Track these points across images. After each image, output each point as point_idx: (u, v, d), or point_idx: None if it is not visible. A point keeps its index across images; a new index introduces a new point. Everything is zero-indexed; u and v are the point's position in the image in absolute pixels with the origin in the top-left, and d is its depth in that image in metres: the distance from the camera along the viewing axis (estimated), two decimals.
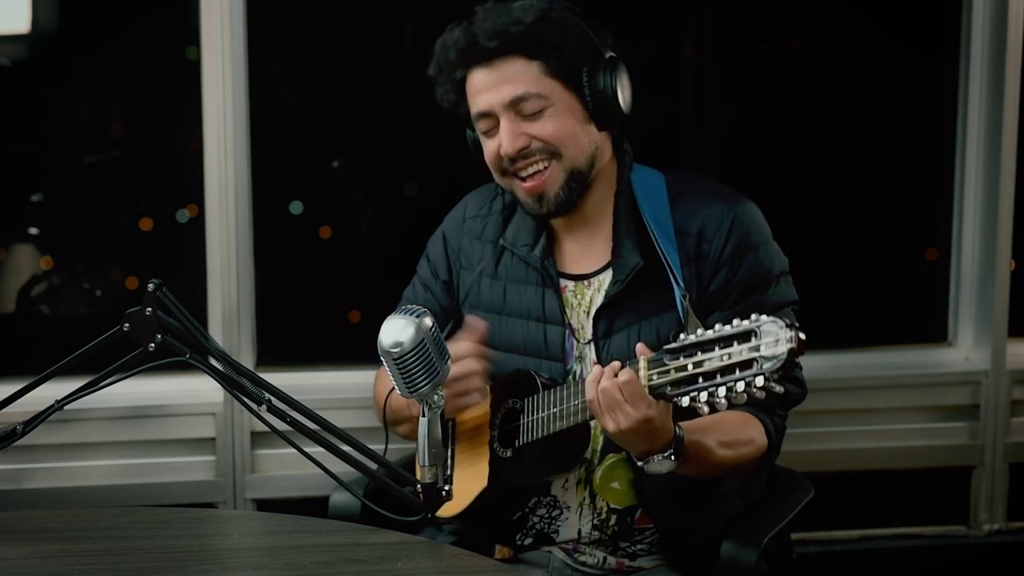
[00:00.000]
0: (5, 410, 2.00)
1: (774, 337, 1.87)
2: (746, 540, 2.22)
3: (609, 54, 2.28)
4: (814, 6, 3.46)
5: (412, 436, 2.43)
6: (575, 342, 2.33)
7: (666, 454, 2.07)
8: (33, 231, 3.40)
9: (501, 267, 2.41)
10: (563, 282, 2.36)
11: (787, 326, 1.87)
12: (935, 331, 3.45)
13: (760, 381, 1.87)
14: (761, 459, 2.28)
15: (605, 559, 2.34)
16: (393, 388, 2.35)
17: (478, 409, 2.34)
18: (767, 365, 1.87)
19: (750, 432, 2.26)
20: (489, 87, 2.26)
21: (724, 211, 2.29)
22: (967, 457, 3.38)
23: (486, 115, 2.27)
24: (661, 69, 3.43)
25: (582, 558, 2.35)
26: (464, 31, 2.26)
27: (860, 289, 3.51)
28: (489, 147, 2.30)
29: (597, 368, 2.08)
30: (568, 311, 2.34)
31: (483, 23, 2.25)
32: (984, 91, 3.31)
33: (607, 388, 2.04)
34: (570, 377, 2.32)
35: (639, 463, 2.10)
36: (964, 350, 3.42)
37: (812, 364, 3.29)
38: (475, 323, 2.31)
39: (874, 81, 3.45)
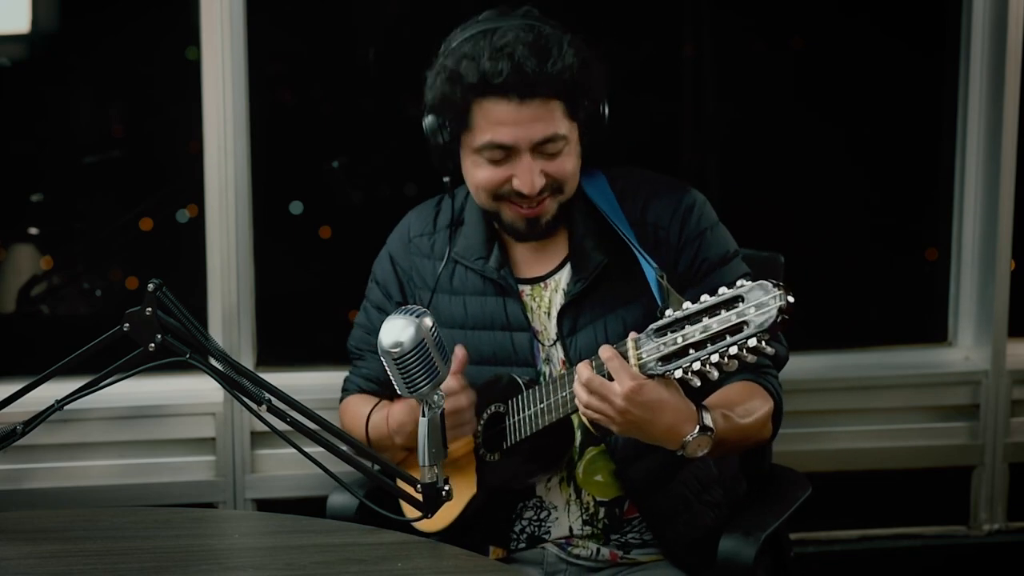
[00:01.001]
0: (5, 410, 2.00)
1: (763, 297, 1.87)
2: (743, 537, 2.23)
3: None
4: (814, 6, 3.46)
5: (395, 460, 2.43)
6: (540, 345, 2.34)
7: (697, 431, 2.07)
8: (33, 231, 3.40)
9: (456, 282, 2.40)
10: (519, 287, 2.36)
11: (775, 286, 1.88)
12: (935, 331, 3.45)
13: (752, 343, 1.88)
14: (774, 418, 2.30)
15: (598, 550, 2.34)
16: (368, 421, 2.38)
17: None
18: (757, 326, 1.87)
19: (756, 397, 2.27)
20: (517, 123, 2.22)
21: (673, 200, 2.34)
22: (967, 457, 3.38)
23: (502, 147, 2.24)
24: (661, 69, 3.43)
25: (575, 551, 2.35)
26: (512, 64, 2.19)
27: (860, 289, 3.51)
28: (489, 174, 2.27)
29: (577, 373, 2.09)
30: (529, 315, 2.35)
31: (534, 62, 2.18)
32: (984, 91, 3.31)
33: (590, 379, 2.06)
34: (542, 379, 2.33)
35: (678, 453, 2.09)
36: (964, 350, 3.42)
37: (812, 364, 3.33)
38: (458, 353, 2.28)
39: (874, 81, 3.45)
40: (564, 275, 2.35)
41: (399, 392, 1.95)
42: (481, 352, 2.36)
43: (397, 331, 1.91)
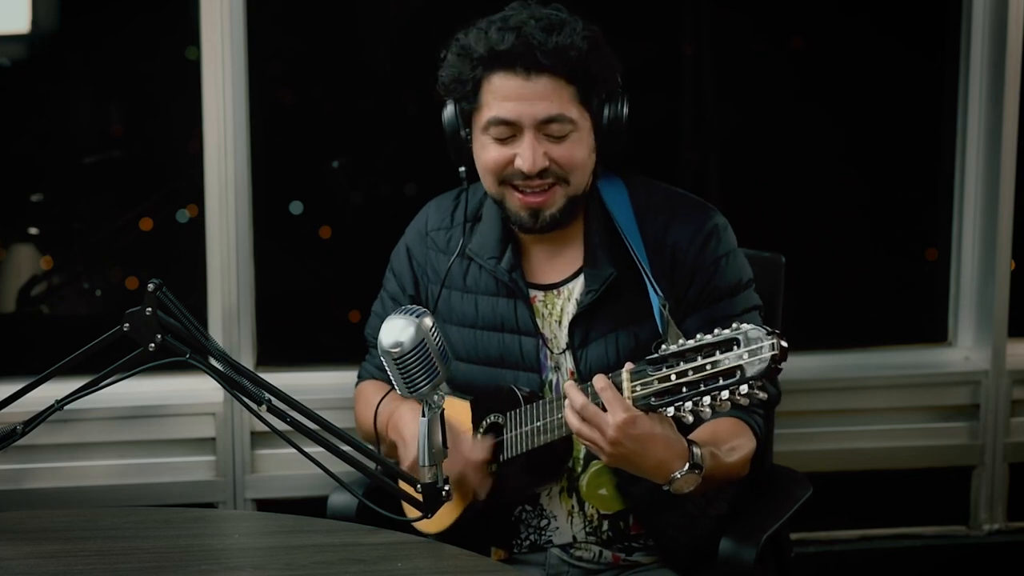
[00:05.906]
0: (5, 410, 2.00)
1: (757, 344, 1.88)
2: (744, 538, 2.23)
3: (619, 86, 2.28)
4: (814, 6, 3.46)
5: (390, 455, 2.41)
6: (548, 352, 2.33)
7: (687, 468, 2.07)
8: (33, 231, 3.40)
9: (470, 280, 2.39)
10: (532, 292, 2.35)
11: (769, 333, 1.88)
12: (935, 331, 3.45)
13: (744, 389, 1.89)
14: (753, 459, 2.29)
15: (601, 553, 2.34)
16: (377, 411, 2.38)
17: (461, 425, 2.34)
18: (750, 372, 1.88)
19: (742, 435, 2.27)
20: (521, 98, 2.21)
21: (696, 223, 2.30)
22: (967, 457, 3.38)
23: (507, 123, 2.23)
24: (661, 69, 3.43)
25: (578, 553, 2.35)
26: (518, 37, 2.19)
27: (860, 289, 3.51)
28: (495, 153, 2.25)
29: (570, 399, 2.08)
30: (539, 321, 2.34)
31: (542, 35, 2.18)
32: (984, 91, 3.31)
33: (584, 406, 2.05)
34: (547, 387, 2.32)
35: (664, 487, 2.09)
36: (964, 350, 3.42)
37: (813, 364, 3.33)
38: (485, 444, 2.29)
39: (874, 81, 3.45)
40: (578, 284, 2.32)
41: (399, 393, 1.95)
42: (488, 353, 2.35)
43: (397, 331, 1.91)
